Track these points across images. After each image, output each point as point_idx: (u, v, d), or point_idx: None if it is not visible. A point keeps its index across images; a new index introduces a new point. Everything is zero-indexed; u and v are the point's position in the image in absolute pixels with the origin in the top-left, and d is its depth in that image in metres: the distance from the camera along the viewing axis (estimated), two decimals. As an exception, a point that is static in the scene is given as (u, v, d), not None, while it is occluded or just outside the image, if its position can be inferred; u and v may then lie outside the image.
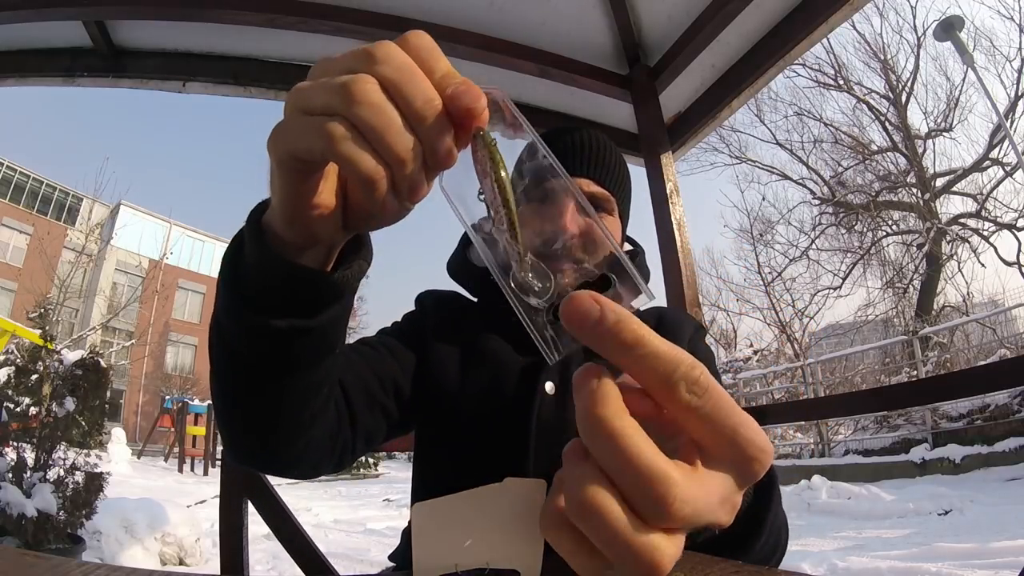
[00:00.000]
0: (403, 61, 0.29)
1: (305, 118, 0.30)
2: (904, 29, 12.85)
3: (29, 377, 3.88)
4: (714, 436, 0.25)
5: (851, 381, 11.18)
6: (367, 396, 0.71)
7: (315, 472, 0.65)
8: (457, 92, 0.29)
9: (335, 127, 0.29)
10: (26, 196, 24.20)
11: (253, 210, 0.41)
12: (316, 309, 0.43)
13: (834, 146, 13.85)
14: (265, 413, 0.51)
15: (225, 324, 0.46)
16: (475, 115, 0.30)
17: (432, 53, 0.30)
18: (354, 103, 0.28)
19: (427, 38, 0.30)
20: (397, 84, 0.29)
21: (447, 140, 0.30)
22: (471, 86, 0.30)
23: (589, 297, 0.25)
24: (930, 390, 1.91)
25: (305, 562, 0.98)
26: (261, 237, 0.39)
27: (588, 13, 1.89)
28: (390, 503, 8.17)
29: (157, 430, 14.10)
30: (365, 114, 0.28)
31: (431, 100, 0.29)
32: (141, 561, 3.73)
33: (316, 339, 0.46)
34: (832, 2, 1.64)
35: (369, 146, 0.29)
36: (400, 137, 0.29)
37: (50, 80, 1.90)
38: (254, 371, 0.47)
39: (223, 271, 0.43)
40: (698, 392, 0.25)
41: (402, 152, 0.29)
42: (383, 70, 0.29)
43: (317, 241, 0.39)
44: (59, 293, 14.18)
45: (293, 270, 0.40)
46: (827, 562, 3.67)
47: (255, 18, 1.73)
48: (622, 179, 0.85)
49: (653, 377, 0.25)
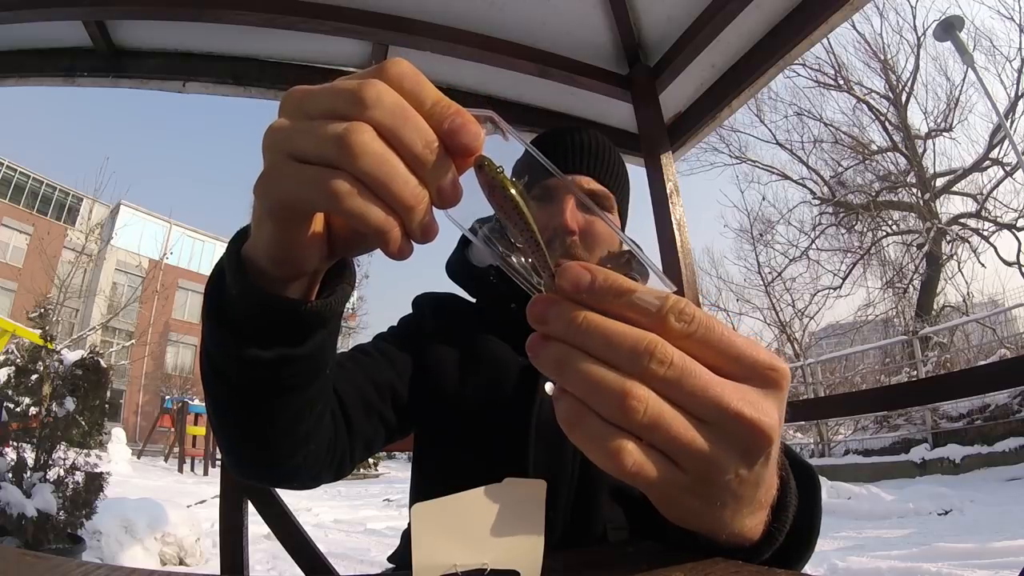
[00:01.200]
0: (395, 102, 0.28)
1: (298, 168, 0.29)
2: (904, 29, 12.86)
3: (29, 377, 3.88)
4: (716, 356, 0.29)
5: (851, 381, 11.18)
6: (364, 404, 0.71)
7: (315, 482, 0.65)
8: (454, 128, 0.29)
9: (339, 184, 0.28)
10: (26, 196, 24.20)
11: (232, 240, 0.40)
12: (302, 338, 0.43)
13: (834, 146, 13.86)
14: (260, 432, 0.51)
15: (213, 351, 0.45)
16: (475, 150, 0.29)
17: (417, 82, 0.29)
18: (355, 156, 0.27)
19: (408, 66, 0.30)
20: (393, 129, 0.28)
21: (451, 178, 0.29)
22: (466, 119, 0.29)
23: (579, 265, 0.29)
24: (930, 390, 1.91)
25: (305, 562, 0.98)
26: (242, 270, 0.38)
27: (588, 13, 1.89)
28: (390, 503, 8.17)
29: (157, 430, 14.11)
30: (368, 166, 0.27)
31: (430, 142, 0.28)
32: (141, 561, 3.73)
33: (304, 365, 0.46)
34: (832, 2, 1.64)
35: (376, 197, 0.28)
36: (406, 185, 0.28)
37: (50, 80, 1.90)
38: (245, 394, 0.47)
39: (207, 300, 0.43)
40: (686, 319, 0.28)
41: (410, 199, 0.28)
42: (377, 115, 0.28)
43: (303, 274, 0.39)
44: (59, 293, 14.18)
45: (277, 304, 0.39)
46: (827, 562, 3.67)
47: (255, 18, 1.73)
48: (621, 178, 0.86)
49: (646, 315, 0.28)
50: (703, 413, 0.28)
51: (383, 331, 0.86)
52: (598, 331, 0.28)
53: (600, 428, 0.28)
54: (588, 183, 0.80)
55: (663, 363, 0.27)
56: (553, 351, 0.29)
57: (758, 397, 0.29)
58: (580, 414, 0.29)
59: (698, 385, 0.28)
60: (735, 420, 0.28)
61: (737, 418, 0.28)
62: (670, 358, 0.27)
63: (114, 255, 24.04)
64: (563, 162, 0.81)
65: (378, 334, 0.86)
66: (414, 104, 0.29)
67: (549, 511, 0.35)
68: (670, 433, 0.28)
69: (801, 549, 0.44)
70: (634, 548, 0.39)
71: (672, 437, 0.28)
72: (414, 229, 0.30)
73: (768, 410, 0.29)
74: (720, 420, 0.28)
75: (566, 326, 0.29)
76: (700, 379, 0.28)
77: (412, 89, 0.29)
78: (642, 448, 0.28)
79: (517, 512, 0.35)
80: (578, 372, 0.28)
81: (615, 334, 0.28)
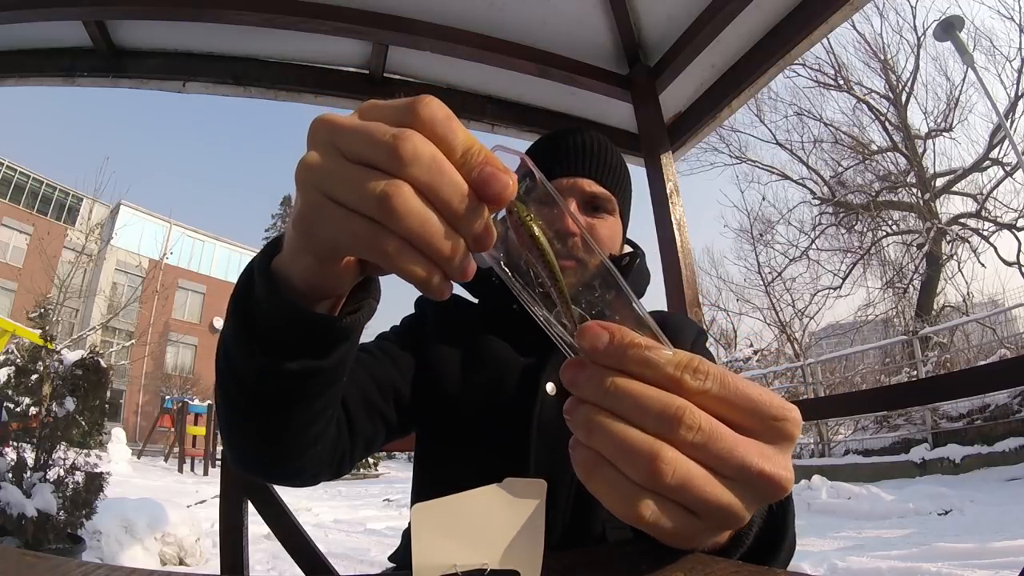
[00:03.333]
0: (430, 157, 0.29)
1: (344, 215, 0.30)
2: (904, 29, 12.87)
3: (29, 377, 3.88)
4: (731, 409, 0.30)
5: (851, 381, 11.18)
6: (366, 404, 0.72)
7: (315, 480, 0.66)
8: (484, 177, 0.29)
9: (388, 243, 0.29)
10: (26, 196, 24.20)
11: (264, 249, 0.41)
12: (327, 351, 0.44)
13: (834, 146, 13.86)
14: (270, 433, 0.52)
15: (234, 354, 0.46)
16: (505, 200, 0.30)
17: (447, 126, 0.30)
18: (399, 218, 0.28)
19: (439, 108, 0.30)
20: (431, 186, 0.29)
21: (485, 224, 0.31)
22: (495, 170, 0.30)
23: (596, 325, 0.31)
24: (930, 390, 1.90)
25: (305, 562, 0.98)
26: (273, 282, 0.39)
27: (588, 13, 1.89)
28: (390, 503, 8.18)
29: (157, 430, 14.10)
30: (411, 227, 0.29)
31: (464, 195, 0.29)
32: (141, 561, 3.73)
33: (326, 376, 0.47)
34: (832, 2, 1.64)
35: (417, 251, 0.30)
36: (447, 239, 0.30)
37: (50, 80, 1.90)
38: (263, 399, 0.48)
39: (235, 305, 0.44)
40: (701, 377, 0.30)
41: (450, 252, 0.30)
42: (415, 173, 0.29)
43: (335, 294, 0.41)
44: (59, 293, 14.18)
45: (308, 317, 0.40)
46: (827, 562, 3.67)
47: (255, 18, 1.73)
48: (623, 180, 0.85)
49: (663, 376, 0.30)
50: (727, 472, 0.29)
51: (385, 330, 0.87)
52: (627, 396, 0.29)
53: (619, 479, 0.29)
54: (590, 186, 0.80)
55: (691, 428, 0.29)
56: (581, 414, 0.31)
57: (775, 452, 0.30)
58: (598, 463, 0.30)
59: (724, 448, 0.29)
60: (758, 478, 0.29)
61: (760, 476, 0.29)
62: (698, 423, 0.29)
63: (114, 255, 24.03)
64: (565, 164, 0.80)
65: (380, 333, 0.86)
66: (446, 152, 0.30)
67: (549, 510, 0.35)
68: (695, 494, 0.29)
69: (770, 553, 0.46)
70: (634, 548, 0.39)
71: (696, 497, 0.29)
72: (454, 275, 0.32)
73: (786, 464, 0.31)
74: (744, 478, 0.29)
75: (595, 390, 0.30)
76: (726, 442, 0.29)
77: (444, 136, 0.30)
78: (661, 502, 0.29)
79: (517, 512, 0.35)
80: (607, 435, 0.29)
81: (643, 399, 0.29)
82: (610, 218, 0.82)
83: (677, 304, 1.88)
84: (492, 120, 2.15)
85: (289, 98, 2.00)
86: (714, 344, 15.01)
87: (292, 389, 0.46)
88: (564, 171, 0.80)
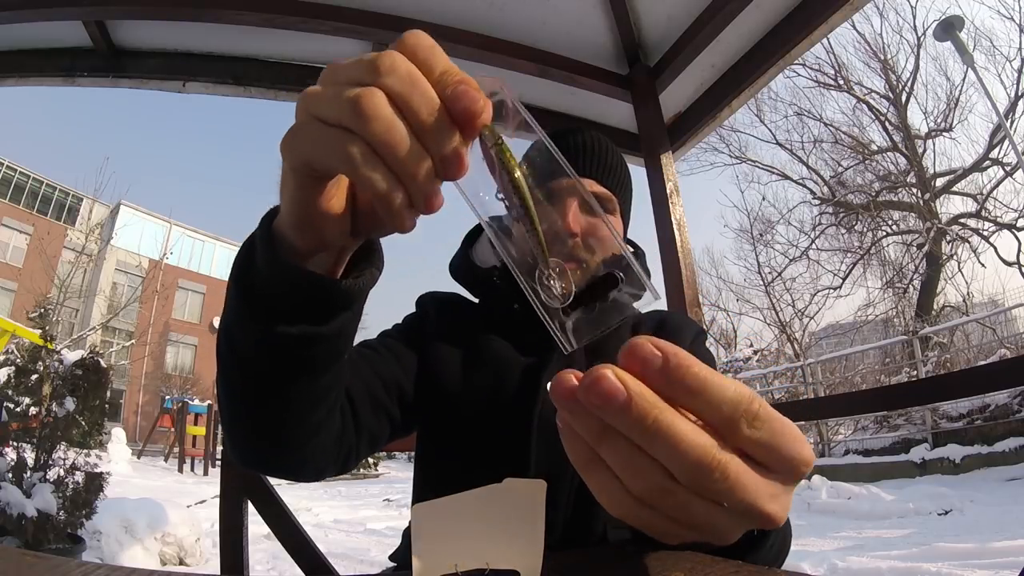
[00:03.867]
0: (406, 70, 0.30)
1: (321, 128, 0.31)
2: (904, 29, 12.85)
3: (29, 377, 3.88)
4: (771, 459, 0.27)
5: (851, 381, 11.17)
6: (371, 399, 0.71)
7: (318, 476, 0.65)
8: (456, 93, 0.30)
9: (353, 148, 0.29)
10: (26, 196, 24.19)
11: (264, 216, 0.41)
12: (326, 316, 0.43)
13: (834, 146, 13.86)
14: (272, 419, 0.51)
15: (234, 330, 0.46)
16: (475, 115, 0.30)
17: (430, 52, 0.31)
18: (366, 120, 0.29)
19: (424, 37, 0.31)
20: (402, 95, 0.29)
21: (455, 148, 0.30)
22: (469, 84, 0.30)
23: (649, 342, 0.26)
24: (930, 390, 1.90)
25: (305, 562, 0.98)
26: (271, 243, 0.40)
27: (588, 13, 1.89)
28: (390, 503, 8.17)
29: (157, 430, 14.10)
30: (376, 130, 0.29)
31: (434, 109, 0.29)
32: (141, 561, 3.73)
33: (326, 346, 0.46)
34: (832, 2, 1.64)
35: (383, 163, 0.29)
36: (411, 153, 0.29)
37: (50, 80, 1.90)
38: (263, 378, 0.47)
39: (234, 275, 0.44)
40: (758, 426, 0.26)
41: (414, 167, 0.30)
42: (389, 82, 0.29)
43: (326, 246, 0.40)
44: (59, 293, 14.18)
45: (304, 276, 0.40)
46: (827, 562, 3.67)
47: (255, 18, 1.73)
48: (624, 180, 0.85)
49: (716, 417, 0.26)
50: (734, 508, 0.27)
51: (388, 328, 0.87)
52: (666, 441, 0.25)
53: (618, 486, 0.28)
54: (591, 186, 0.80)
55: (720, 480, 0.26)
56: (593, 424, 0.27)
57: (783, 492, 0.29)
58: (593, 463, 0.28)
59: (745, 498, 0.27)
60: (760, 516, 0.28)
61: (763, 515, 0.28)
62: (727, 476, 0.26)
63: (114, 255, 24.02)
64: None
65: (383, 331, 0.86)
66: (425, 72, 0.30)
67: (550, 510, 0.35)
68: (692, 520, 0.27)
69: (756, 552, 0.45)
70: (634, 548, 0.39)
71: (693, 523, 0.28)
72: (416, 198, 0.31)
73: (787, 503, 0.29)
74: (748, 514, 0.28)
75: (633, 426, 0.26)
76: (748, 493, 0.27)
77: (425, 58, 0.30)
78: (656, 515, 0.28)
79: (517, 512, 0.35)
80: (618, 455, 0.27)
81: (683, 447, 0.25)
82: (612, 218, 0.82)
83: (677, 304, 1.88)
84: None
85: (289, 98, 2.00)
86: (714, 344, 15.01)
87: (290, 360, 0.45)
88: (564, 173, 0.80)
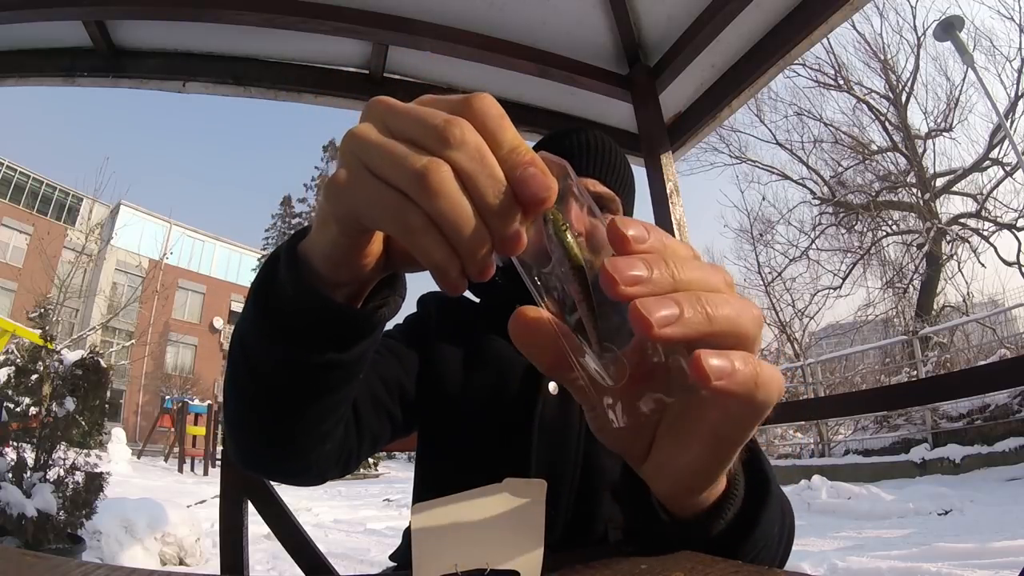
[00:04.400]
0: (475, 146, 0.29)
1: (376, 187, 0.30)
2: (904, 29, 12.87)
3: (29, 377, 3.89)
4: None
5: (851, 381, 11.18)
6: (373, 401, 0.71)
7: (321, 480, 0.65)
8: (525, 177, 0.29)
9: (415, 219, 0.29)
10: (26, 196, 24.21)
11: (291, 238, 0.41)
12: (350, 344, 0.43)
13: (834, 146, 13.87)
14: (281, 430, 0.51)
15: (252, 343, 0.45)
16: (542, 202, 0.29)
17: (500, 125, 0.30)
18: (432, 195, 0.28)
19: (493, 105, 0.30)
20: (471, 174, 0.28)
21: (516, 228, 0.30)
22: (537, 171, 0.29)
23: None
24: (930, 390, 1.90)
25: (305, 562, 0.98)
26: (298, 268, 0.39)
27: (588, 13, 1.89)
28: (390, 503, 8.18)
29: (157, 430, 14.11)
30: (442, 207, 0.28)
31: (501, 191, 0.29)
32: (141, 561, 3.74)
33: (345, 370, 0.46)
34: (832, 2, 1.64)
35: (441, 235, 0.29)
36: (474, 231, 0.29)
37: (50, 80, 1.90)
38: (276, 392, 0.47)
39: (256, 294, 0.43)
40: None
41: (475, 244, 0.29)
42: (457, 156, 0.28)
43: (358, 281, 0.40)
44: (59, 293, 14.18)
45: (333, 308, 0.40)
46: (827, 562, 3.67)
47: (255, 18, 1.73)
48: (627, 179, 0.85)
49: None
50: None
51: (389, 328, 0.86)
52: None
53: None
54: (594, 186, 0.80)
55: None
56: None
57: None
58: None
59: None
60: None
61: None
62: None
63: (114, 255, 24.04)
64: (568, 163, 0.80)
65: (385, 331, 0.86)
66: (492, 146, 0.29)
67: (550, 510, 0.35)
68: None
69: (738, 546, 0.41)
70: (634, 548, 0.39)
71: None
72: (472, 270, 0.30)
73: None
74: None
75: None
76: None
77: (494, 131, 0.30)
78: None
79: (517, 512, 0.35)
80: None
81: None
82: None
83: (677, 304, 1.87)
84: (492, 120, 2.15)
85: (289, 98, 2.00)
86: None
87: (310, 382, 0.46)
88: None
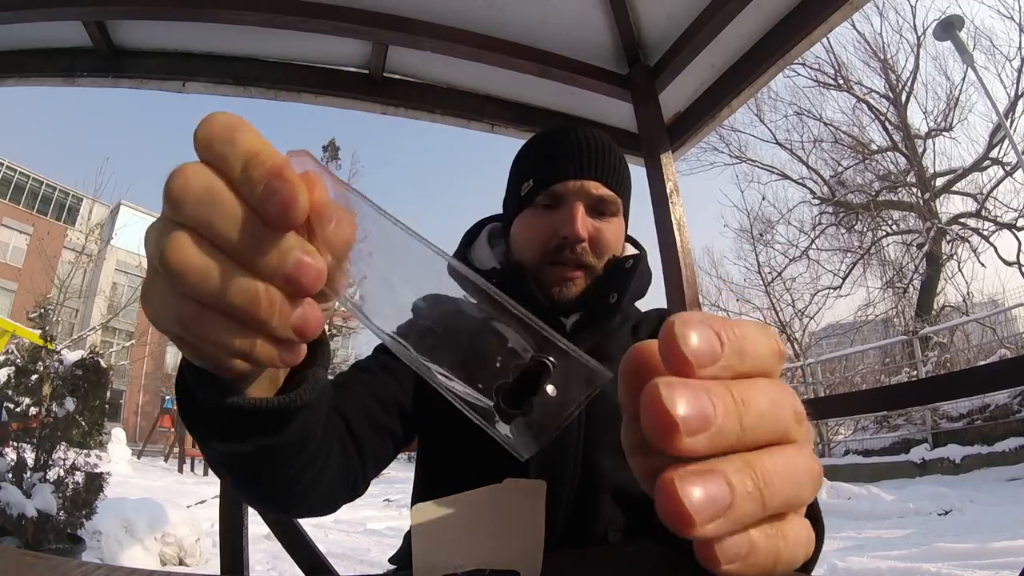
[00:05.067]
0: (204, 188, 0.24)
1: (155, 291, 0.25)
2: (904, 29, 12.86)
3: (29, 377, 3.89)
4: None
5: (851, 381, 11.18)
6: (370, 423, 0.71)
7: (333, 509, 0.64)
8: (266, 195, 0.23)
9: (183, 311, 0.24)
10: (26, 196, 24.21)
11: None
12: (279, 428, 0.38)
13: (834, 146, 13.86)
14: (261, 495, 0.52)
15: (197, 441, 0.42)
16: (293, 221, 0.23)
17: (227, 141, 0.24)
18: (177, 277, 0.24)
19: (219, 121, 0.24)
20: (207, 224, 0.24)
21: (295, 260, 0.24)
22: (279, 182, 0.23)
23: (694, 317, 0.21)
24: (930, 390, 1.90)
25: (305, 562, 0.98)
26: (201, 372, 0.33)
27: (588, 13, 1.89)
28: (390, 503, 8.18)
29: (157, 430, 14.12)
30: (193, 283, 0.24)
31: (244, 224, 0.23)
32: (141, 561, 3.73)
33: (289, 449, 0.43)
34: (832, 2, 1.64)
35: (219, 315, 0.25)
36: (244, 291, 0.24)
37: (50, 80, 1.90)
38: (238, 474, 0.47)
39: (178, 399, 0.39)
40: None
41: (256, 307, 0.24)
42: (188, 213, 0.24)
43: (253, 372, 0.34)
44: (59, 293, 14.18)
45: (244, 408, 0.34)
46: (827, 562, 3.66)
47: (255, 18, 1.73)
48: (626, 180, 0.84)
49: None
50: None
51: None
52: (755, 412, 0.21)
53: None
54: (597, 188, 0.78)
55: None
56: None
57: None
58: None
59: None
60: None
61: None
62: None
63: (114, 255, 24.03)
64: (570, 165, 0.77)
65: (378, 345, 0.85)
66: (225, 171, 0.24)
67: (550, 511, 0.35)
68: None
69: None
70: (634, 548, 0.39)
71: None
72: (278, 333, 0.25)
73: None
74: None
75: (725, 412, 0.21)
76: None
77: (221, 154, 0.24)
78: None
79: (517, 512, 0.35)
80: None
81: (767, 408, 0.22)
82: (615, 220, 0.80)
83: (677, 304, 1.87)
84: (491, 120, 2.15)
85: (289, 98, 2.00)
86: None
87: (259, 465, 0.44)
88: (569, 173, 0.77)
